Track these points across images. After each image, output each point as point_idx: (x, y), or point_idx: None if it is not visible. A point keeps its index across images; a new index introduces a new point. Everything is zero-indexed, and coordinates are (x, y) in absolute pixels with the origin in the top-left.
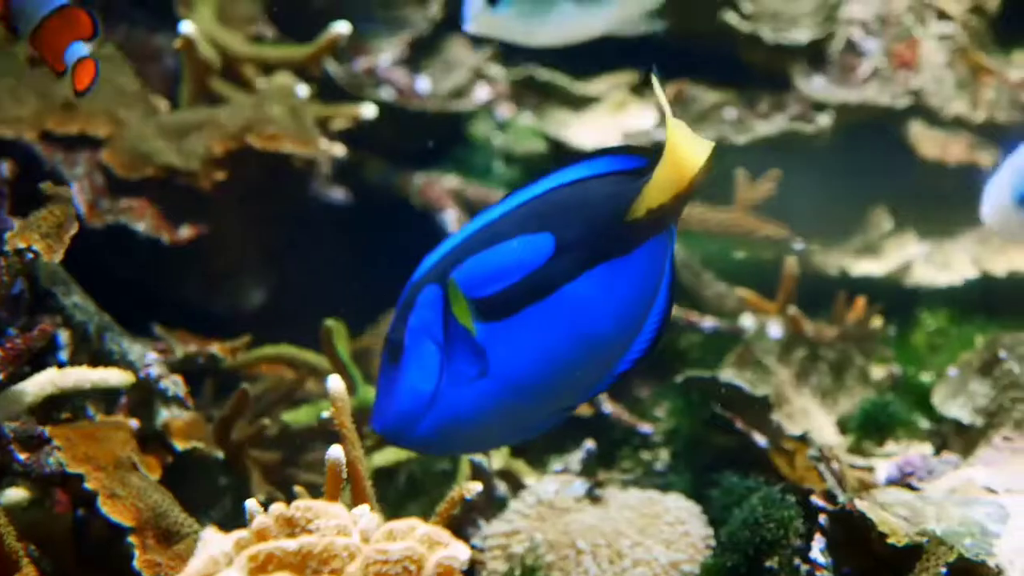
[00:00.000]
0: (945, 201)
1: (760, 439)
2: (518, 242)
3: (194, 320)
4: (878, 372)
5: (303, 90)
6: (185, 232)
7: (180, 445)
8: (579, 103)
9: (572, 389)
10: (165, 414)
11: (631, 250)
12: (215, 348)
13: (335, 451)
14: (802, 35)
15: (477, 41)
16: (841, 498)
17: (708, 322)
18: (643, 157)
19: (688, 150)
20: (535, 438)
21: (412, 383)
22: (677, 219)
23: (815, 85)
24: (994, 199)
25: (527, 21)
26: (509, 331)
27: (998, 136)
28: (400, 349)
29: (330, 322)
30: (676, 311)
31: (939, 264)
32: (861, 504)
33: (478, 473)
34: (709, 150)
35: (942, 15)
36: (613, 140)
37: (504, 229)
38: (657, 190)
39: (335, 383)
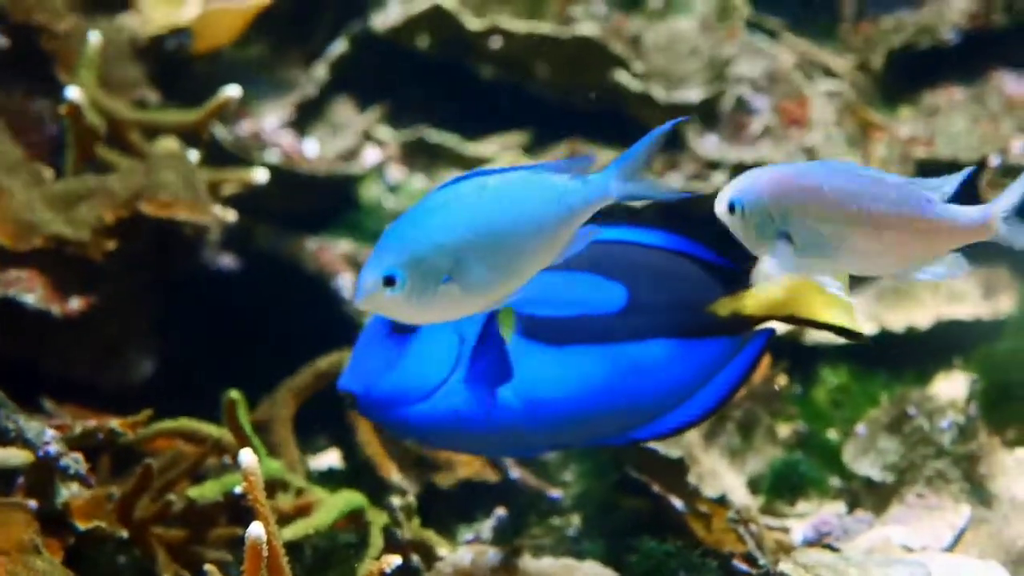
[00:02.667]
0: None
1: (676, 502)
2: (589, 280)
3: (82, 394)
4: (784, 430)
5: (193, 155)
6: (76, 303)
7: (82, 525)
8: (470, 165)
9: (581, 433)
10: (65, 493)
11: (702, 337)
12: (115, 423)
13: (256, 529)
14: (694, 94)
15: (365, 102)
16: (762, 561)
17: None
18: (721, 255)
19: (822, 299)
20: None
21: (419, 365)
22: (759, 335)
23: (708, 144)
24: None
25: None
26: (548, 357)
27: None
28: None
29: (233, 394)
30: None
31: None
32: (784, 567)
33: (391, 544)
34: (842, 315)
35: (828, 72)
36: None
37: (575, 259)
38: (756, 301)
39: (247, 457)
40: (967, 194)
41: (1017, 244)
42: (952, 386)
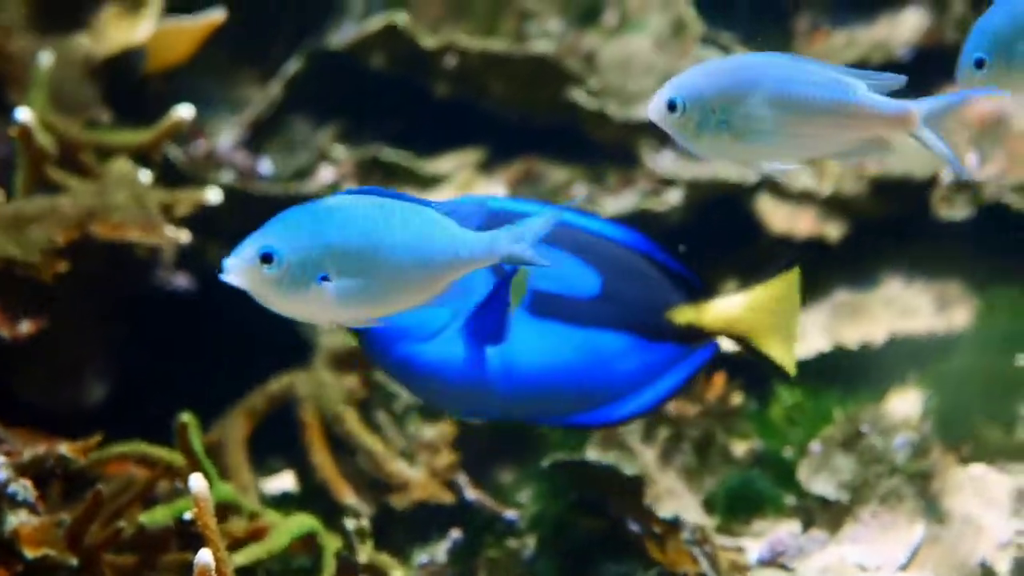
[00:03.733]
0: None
1: (632, 522)
2: (572, 262)
3: (34, 418)
4: (739, 448)
5: (146, 176)
6: (26, 327)
7: (30, 553)
8: (426, 182)
9: (534, 407)
10: (13, 520)
11: (656, 340)
12: (65, 448)
13: (204, 555)
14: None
15: (320, 120)
16: None
17: None
18: (687, 268)
19: (772, 325)
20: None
21: (425, 308)
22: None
23: (664, 160)
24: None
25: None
26: (530, 327)
27: (844, 209)
28: None
29: (185, 417)
30: None
31: None
32: None
33: (345, 569)
34: (782, 349)
35: None
36: None
37: (560, 238)
38: (713, 316)
39: (198, 482)
40: None
41: (931, 146)
42: (907, 403)
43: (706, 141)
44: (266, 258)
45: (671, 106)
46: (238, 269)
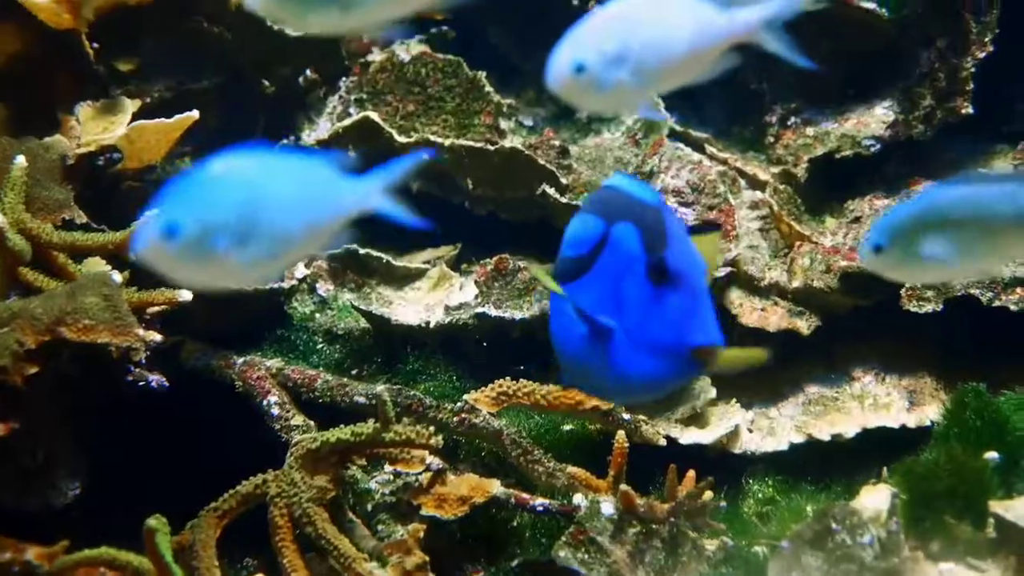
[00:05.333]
0: (768, 367)
1: None
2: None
3: (4, 520)
4: (711, 545)
5: (117, 276)
6: None
7: None
8: (401, 279)
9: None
10: None
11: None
12: (31, 554)
13: None
14: None
15: None
16: None
17: (539, 501)
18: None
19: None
20: None
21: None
22: None
23: None
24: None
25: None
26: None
27: (814, 302)
28: (667, 274)
29: (152, 522)
30: (504, 491)
31: (765, 430)
32: None
33: None
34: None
35: (754, 182)
36: (437, 317)
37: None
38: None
39: None
40: None
41: (773, 49)
42: (877, 498)
43: (613, 97)
44: (169, 233)
45: (579, 69)
46: (144, 248)
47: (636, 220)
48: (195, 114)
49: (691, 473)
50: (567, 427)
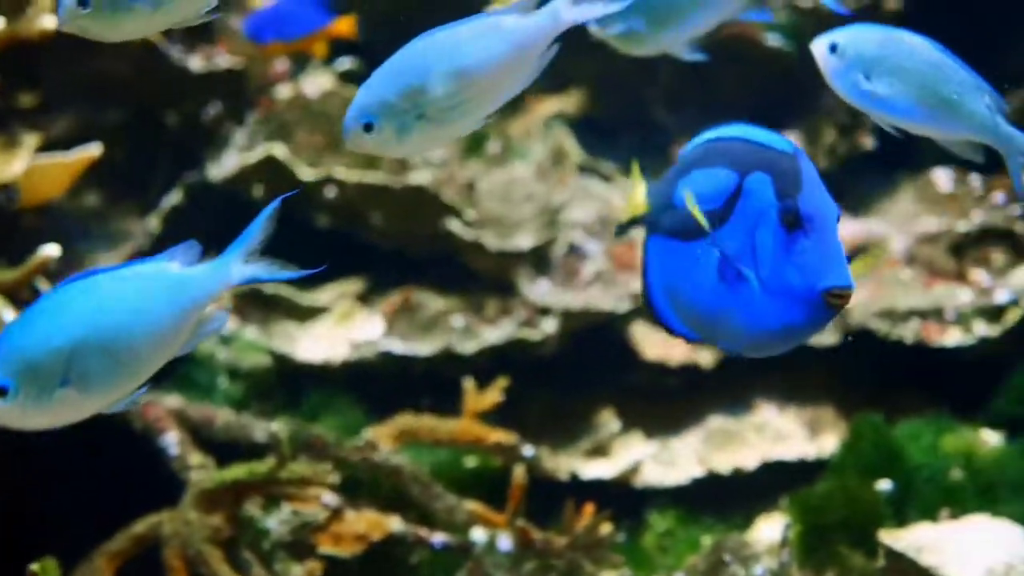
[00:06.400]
0: (670, 400)
1: None
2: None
3: None
4: None
5: (8, 315)
6: None
7: None
8: (305, 314)
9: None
10: None
11: None
12: None
13: None
14: (525, 241)
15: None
16: None
17: (438, 537)
18: None
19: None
20: None
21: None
22: None
23: (540, 290)
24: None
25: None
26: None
27: None
28: (800, 219)
29: (36, 567)
30: (402, 528)
31: (666, 463)
32: None
33: None
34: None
35: None
36: (342, 353)
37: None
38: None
39: None
40: None
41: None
42: (774, 529)
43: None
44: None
45: (367, 128)
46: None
47: (770, 169)
48: (97, 150)
49: (589, 507)
50: (470, 462)
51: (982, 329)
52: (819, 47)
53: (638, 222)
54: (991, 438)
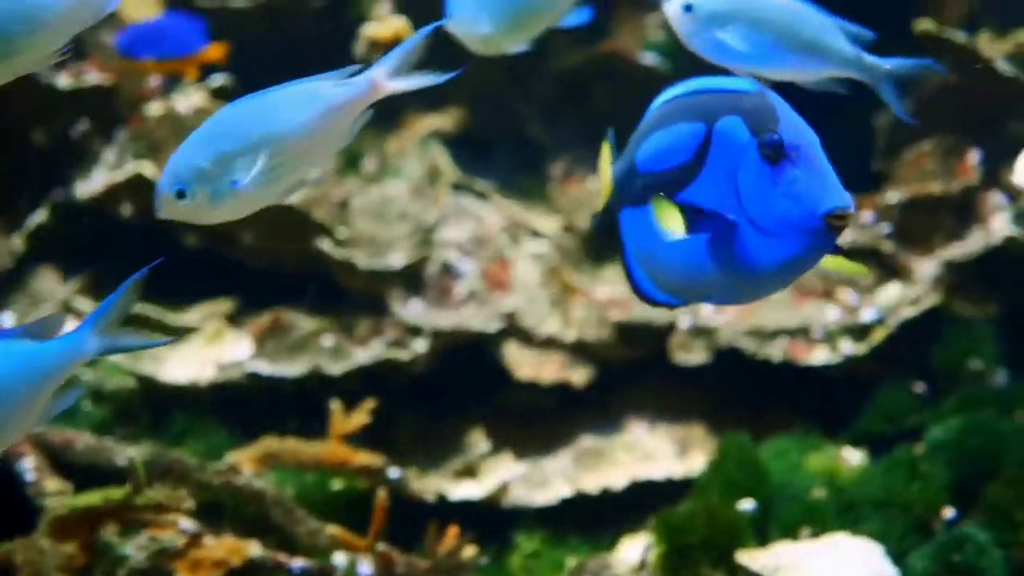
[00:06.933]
0: (542, 419)
1: None
2: None
3: None
4: None
5: None
6: None
7: None
8: (173, 335)
9: None
10: None
11: None
12: None
13: None
14: (397, 260)
15: (66, 272)
16: None
17: (297, 562)
18: None
19: None
20: None
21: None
22: None
23: (411, 309)
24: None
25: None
26: None
27: (589, 353)
28: (784, 150)
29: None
30: (262, 553)
31: (536, 484)
32: None
33: None
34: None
35: (536, 234)
36: (208, 375)
37: None
38: None
39: None
40: None
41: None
42: (637, 549)
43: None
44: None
45: (180, 195)
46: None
47: (738, 110)
48: None
49: (453, 529)
50: (336, 485)
51: (848, 347)
52: (672, 8)
53: (612, 204)
54: (854, 456)
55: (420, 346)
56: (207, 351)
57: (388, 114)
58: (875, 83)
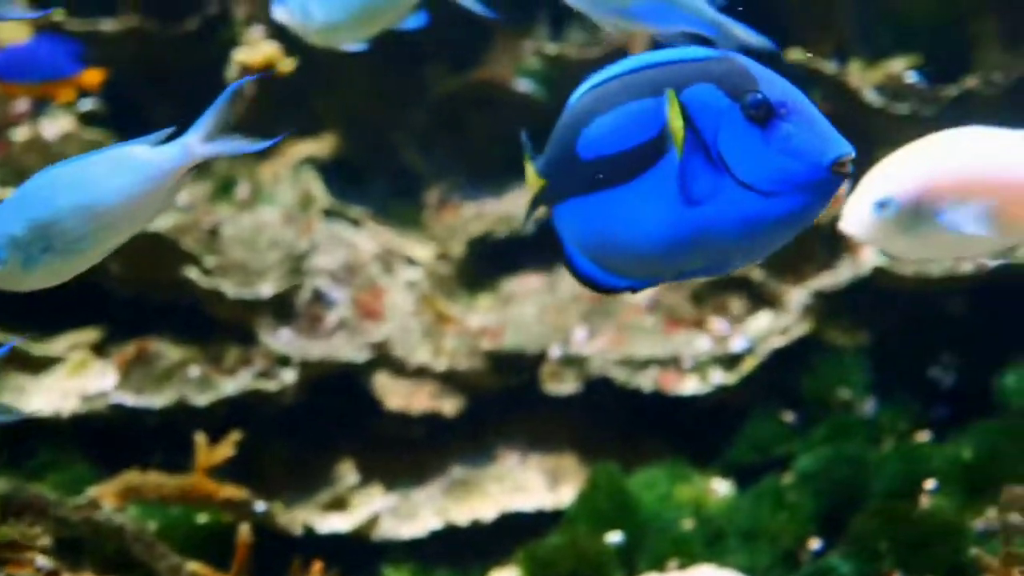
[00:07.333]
0: (413, 450)
1: None
2: None
3: None
4: None
5: None
6: None
7: None
8: (37, 365)
9: None
10: None
11: None
12: None
13: None
14: (266, 289)
15: None
16: None
17: None
18: None
19: None
20: None
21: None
22: None
23: (281, 339)
24: None
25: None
26: None
27: (461, 383)
28: (773, 108)
29: None
30: None
31: (405, 516)
32: None
33: None
34: None
35: (410, 261)
36: (71, 406)
37: None
38: None
39: None
40: None
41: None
42: None
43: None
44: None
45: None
46: None
47: (708, 77)
48: None
49: (317, 564)
50: (202, 519)
51: (718, 377)
52: None
53: (541, 200)
54: (722, 487)
55: (288, 376)
56: (71, 382)
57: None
58: (721, 44)
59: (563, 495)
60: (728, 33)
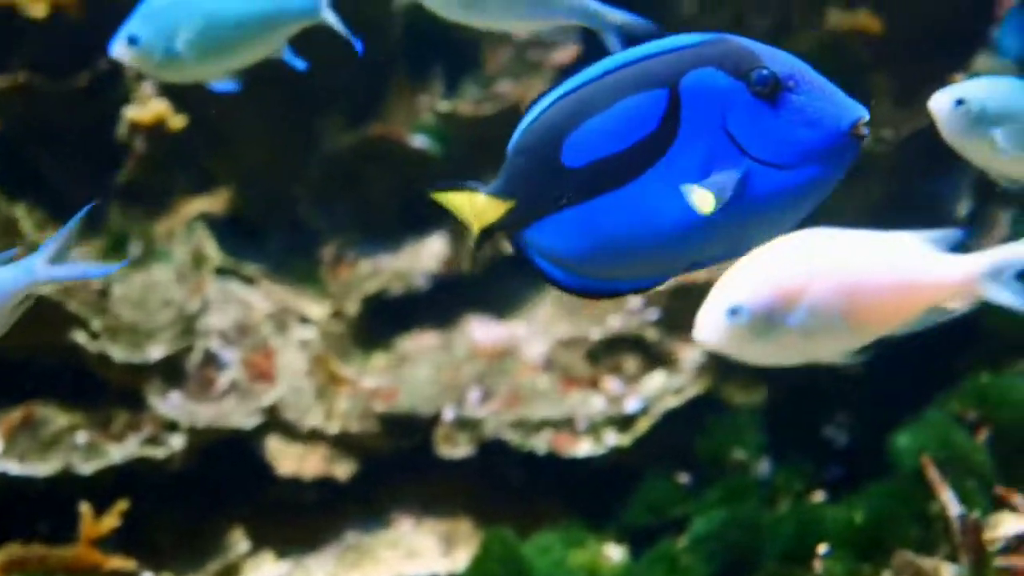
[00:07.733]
0: (305, 515)
1: None
2: None
3: None
4: None
5: None
6: None
7: None
8: None
9: None
10: None
11: None
12: None
13: None
14: (155, 352)
15: None
16: None
17: None
18: None
19: None
20: None
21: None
22: None
23: (170, 403)
24: None
25: None
26: None
27: (354, 446)
28: (780, 82)
29: None
30: None
31: None
32: None
33: None
34: None
35: (304, 320)
36: None
37: None
38: None
39: None
40: None
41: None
42: None
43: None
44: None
45: None
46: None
47: (706, 61)
48: None
49: None
50: None
51: (612, 438)
52: None
53: (505, 226)
54: (615, 552)
55: (177, 442)
56: None
57: (157, 196)
58: (601, 30)
59: (458, 560)
60: (605, 18)
